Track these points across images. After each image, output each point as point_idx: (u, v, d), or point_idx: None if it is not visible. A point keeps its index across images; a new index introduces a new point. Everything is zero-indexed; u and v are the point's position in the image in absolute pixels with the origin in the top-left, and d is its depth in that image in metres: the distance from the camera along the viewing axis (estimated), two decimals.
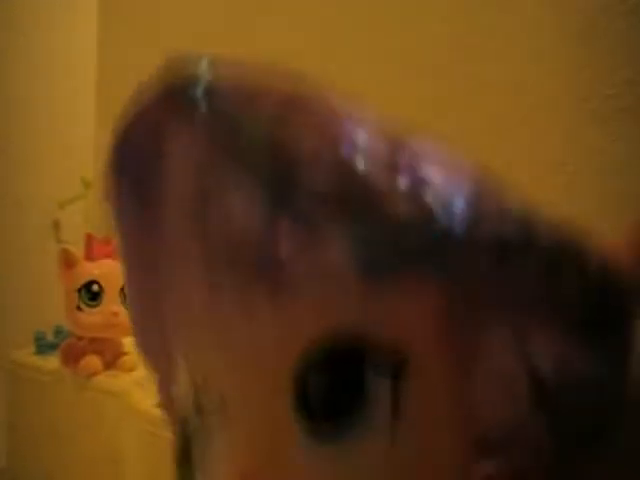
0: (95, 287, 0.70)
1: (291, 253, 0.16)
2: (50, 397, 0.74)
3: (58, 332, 0.79)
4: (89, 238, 0.74)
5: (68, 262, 0.71)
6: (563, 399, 0.16)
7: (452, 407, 0.17)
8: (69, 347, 0.72)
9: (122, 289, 0.71)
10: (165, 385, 0.22)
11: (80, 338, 0.71)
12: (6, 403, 0.81)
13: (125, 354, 0.72)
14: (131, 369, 0.70)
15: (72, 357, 0.70)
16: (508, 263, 0.16)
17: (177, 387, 0.20)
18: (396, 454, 0.17)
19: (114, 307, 0.70)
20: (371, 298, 0.16)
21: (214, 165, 0.18)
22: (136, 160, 0.19)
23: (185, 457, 0.20)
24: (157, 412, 0.55)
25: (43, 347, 0.78)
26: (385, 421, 0.16)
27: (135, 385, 0.62)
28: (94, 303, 0.70)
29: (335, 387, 0.17)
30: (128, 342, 0.73)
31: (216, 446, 0.18)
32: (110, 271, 0.71)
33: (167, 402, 0.21)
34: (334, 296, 0.16)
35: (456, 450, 0.17)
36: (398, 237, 0.16)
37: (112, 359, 0.70)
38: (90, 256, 0.72)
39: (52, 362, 0.74)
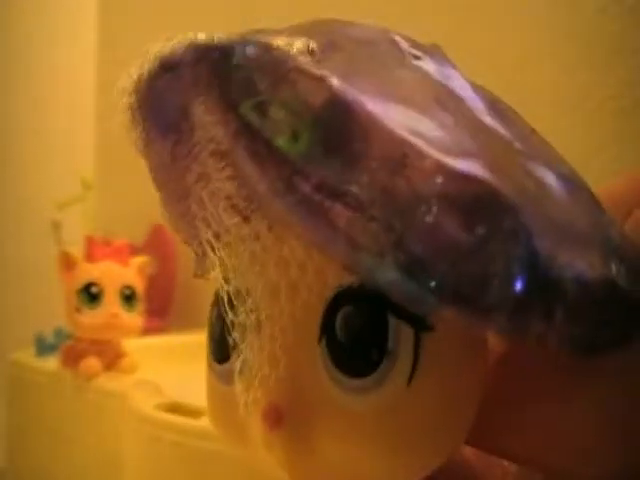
0: (95, 289, 0.70)
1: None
2: (50, 398, 0.74)
3: (58, 333, 0.79)
4: (89, 239, 0.74)
5: (68, 263, 0.71)
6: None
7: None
8: (69, 348, 0.72)
9: (121, 290, 0.71)
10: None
11: (80, 340, 0.71)
12: (6, 404, 0.81)
13: (125, 355, 0.72)
14: (131, 371, 0.70)
15: (72, 358, 0.70)
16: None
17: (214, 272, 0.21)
18: (411, 399, 0.18)
19: (114, 308, 0.70)
20: None
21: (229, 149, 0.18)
22: (164, 108, 0.19)
23: (223, 345, 0.20)
24: (157, 414, 0.55)
25: (43, 348, 0.78)
26: (404, 370, 0.17)
27: (135, 387, 0.62)
28: (94, 304, 0.70)
29: (361, 330, 0.18)
30: (128, 344, 0.73)
31: (250, 356, 0.19)
32: (110, 273, 0.71)
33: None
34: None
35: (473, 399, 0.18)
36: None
37: (112, 361, 0.71)
38: (90, 257, 0.72)
39: (52, 363, 0.74)
